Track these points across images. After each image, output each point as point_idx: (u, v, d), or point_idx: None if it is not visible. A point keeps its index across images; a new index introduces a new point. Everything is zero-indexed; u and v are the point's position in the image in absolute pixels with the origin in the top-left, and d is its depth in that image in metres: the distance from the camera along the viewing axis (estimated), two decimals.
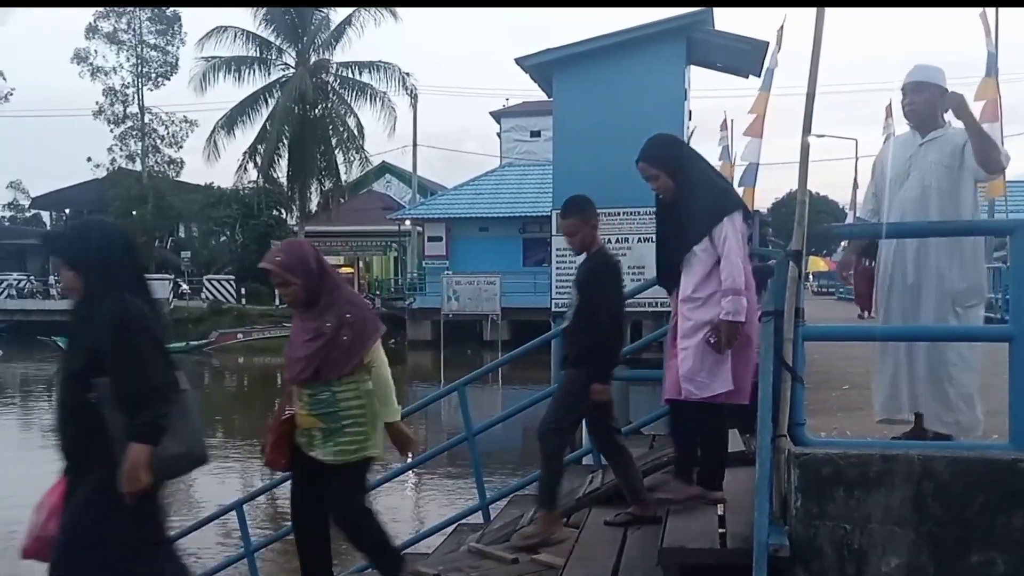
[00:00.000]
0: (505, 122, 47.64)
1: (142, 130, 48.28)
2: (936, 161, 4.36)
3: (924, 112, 4.42)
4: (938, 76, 4.43)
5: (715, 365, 4.40)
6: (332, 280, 4.51)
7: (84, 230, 3.85)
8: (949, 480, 3.00)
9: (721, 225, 4.47)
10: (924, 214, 4.30)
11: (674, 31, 9.36)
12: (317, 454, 4.38)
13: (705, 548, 3.52)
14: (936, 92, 4.38)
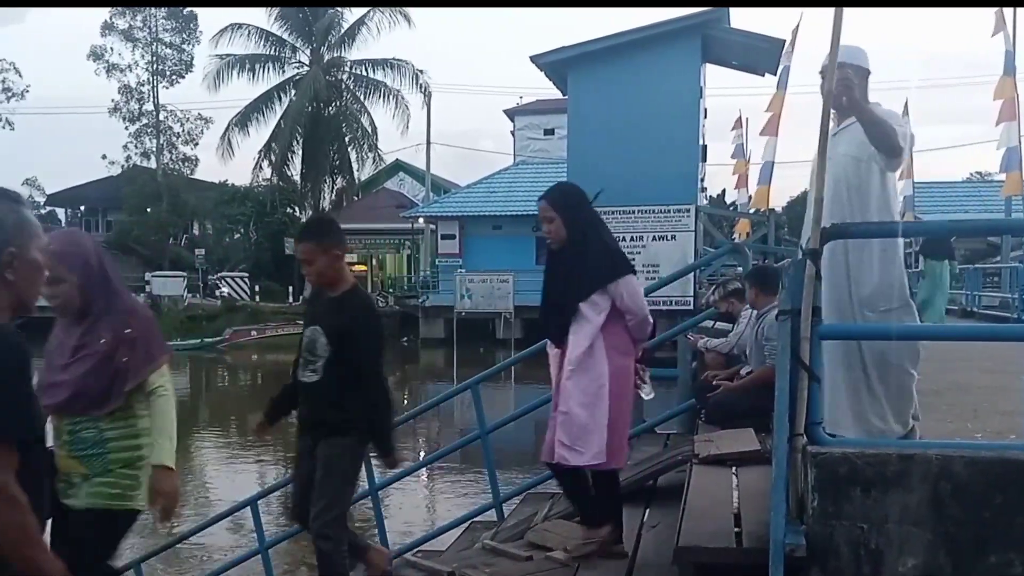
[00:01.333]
0: (519, 120, 47.64)
1: (157, 127, 48.52)
2: (845, 152, 4.12)
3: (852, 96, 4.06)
4: (858, 57, 4.12)
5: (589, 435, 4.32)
6: (112, 284, 3.66)
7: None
8: (967, 480, 2.98)
9: (618, 283, 4.40)
10: (836, 211, 4.05)
11: (690, 29, 9.35)
12: (72, 502, 3.47)
13: (721, 547, 3.51)
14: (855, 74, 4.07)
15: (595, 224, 4.64)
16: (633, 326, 4.51)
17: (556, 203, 4.59)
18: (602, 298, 4.41)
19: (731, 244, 10.32)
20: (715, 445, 5.17)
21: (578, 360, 4.39)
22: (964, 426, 4.17)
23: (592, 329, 4.38)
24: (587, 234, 4.52)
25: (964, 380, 6.02)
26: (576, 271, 4.44)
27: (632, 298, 4.45)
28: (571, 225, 4.51)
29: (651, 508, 5.46)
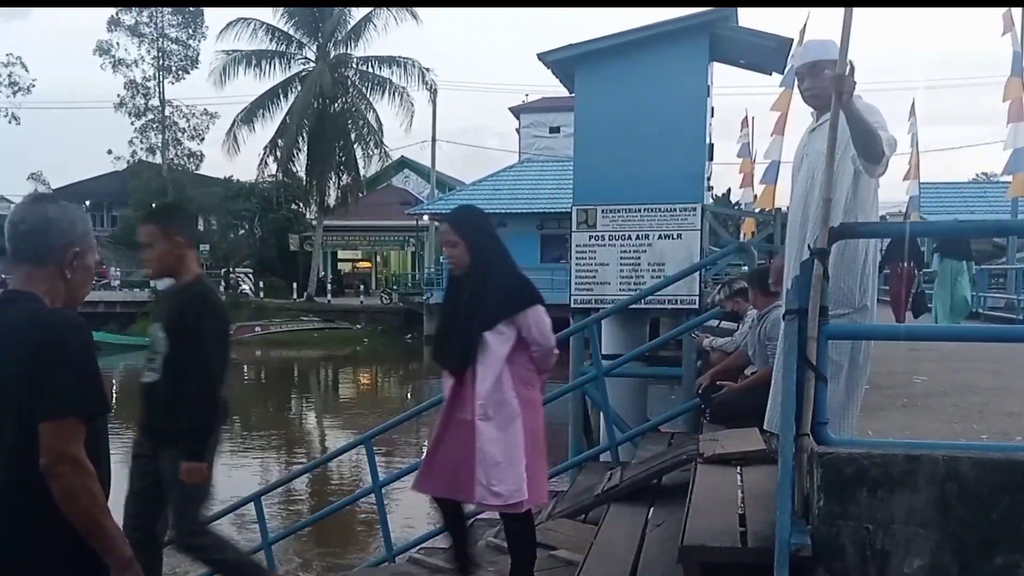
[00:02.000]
0: (524, 118, 47.63)
1: (163, 123, 48.51)
2: (821, 150, 3.90)
3: (824, 95, 3.96)
4: (835, 51, 3.91)
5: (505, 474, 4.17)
6: None
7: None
8: (974, 481, 2.97)
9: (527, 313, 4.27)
10: (808, 209, 4.02)
11: (697, 27, 9.32)
12: None
13: (726, 547, 3.50)
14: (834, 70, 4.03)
15: (501, 250, 4.47)
16: (539, 357, 4.36)
17: (461, 227, 4.41)
18: (509, 328, 4.26)
19: (737, 243, 10.32)
20: (720, 444, 5.16)
21: (488, 395, 4.22)
22: (970, 427, 4.16)
23: (498, 361, 4.22)
24: (492, 260, 4.36)
25: (970, 381, 6.00)
26: (481, 298, 4.26)
27: (540, 328, 4.30)
28: (476, 251, 4.35)
29: (655, 507, 5.46)
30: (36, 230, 2.51)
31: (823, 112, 4.03)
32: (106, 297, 41.73)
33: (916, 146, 23.29)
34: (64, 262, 2.52)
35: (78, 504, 2.36)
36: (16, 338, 2.37)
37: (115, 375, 29.67)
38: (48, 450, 2.32)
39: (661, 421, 8.00)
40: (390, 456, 14.54)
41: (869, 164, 3.83)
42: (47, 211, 2.54)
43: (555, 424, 12.83)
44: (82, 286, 2.63)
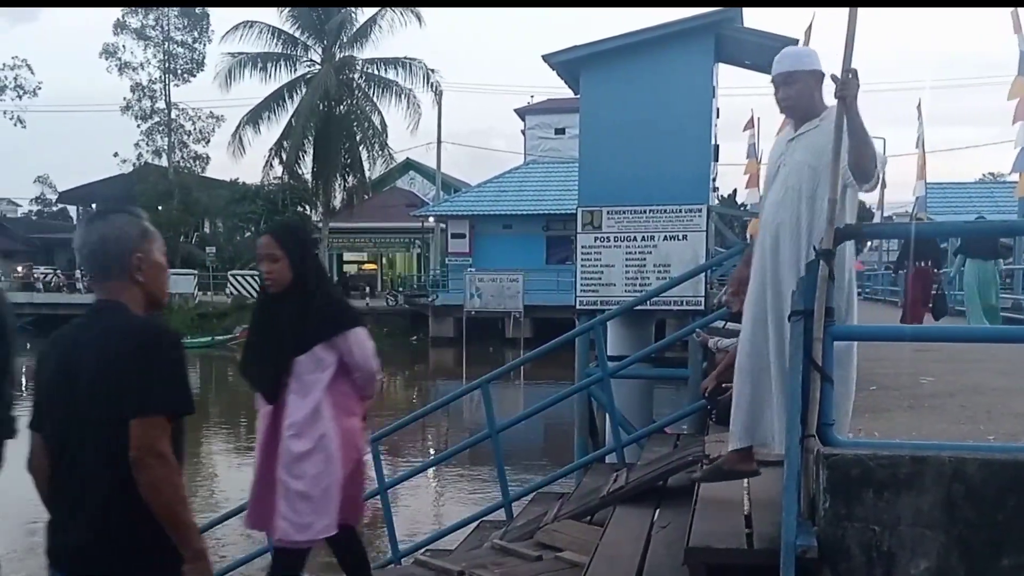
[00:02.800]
0: (530, 119, 47.66)
1: (168, 125, 48.68)
2: (802, 160, 3.93)
3: (800, 105, 3.98)
4: (809, 60, 4.00)
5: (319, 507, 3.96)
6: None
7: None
8: (981, 483, 2.96)
9: (347, 335, 4.04)
10: (786, 219, 3.93)
11: (702, 28, 9.32)
12: None
13: (732, 548, 3.50)
14: (810, 79, 3.96)
15: (321, 271, 4.27)
16: (361, 383, 4.17)
17: (285, 241, 4.10)
18: (328, 353, 4.03)
19: (743, 244, 10.29)
20: (726, 445, 5.15)
21: (302, 425, 3.97)
22: (977, 428, 4.14)
23: (317, 387, 3.99)
24: (312, 280, 4.10)
25: (977, 382, 5.97)
26: (299, 320, 4.01)
27: (361, 352, 4.08)
28: (298, 268, 4.06)
29: (661, 509, 5.45)
30: (95, 251, 2.74)
31: (800, 122, 3.99)
32: None
33: (922, 146, 23.24)
34: (131, 269, 2.74)
35: (161, 496, 2.54)
36: (110, 343, 2.60)
37: None
38: (137, 445, 2.52)
39: (667, 423, 7.99)
40: (396, 458, 14.56)
41: (861, 177, 3.72)
42: (98, 230, 2.76)
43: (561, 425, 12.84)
44: (156, 282, 2.83)
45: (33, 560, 10.06)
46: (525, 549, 5.24)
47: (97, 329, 2.67)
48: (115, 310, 2.70)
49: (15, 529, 11.31)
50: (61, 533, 2.73)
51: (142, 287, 2.76)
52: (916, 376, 6.10)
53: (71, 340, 2.72)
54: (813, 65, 3.97)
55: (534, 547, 5.26)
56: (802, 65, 3.96)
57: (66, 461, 2.69)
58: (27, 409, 2.92)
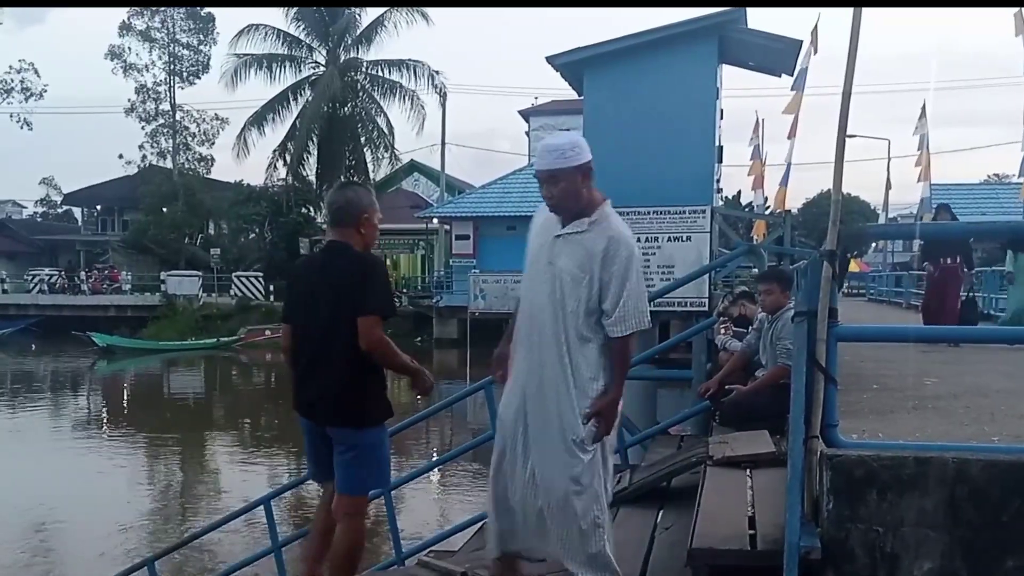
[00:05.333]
0: (534, 121, 47.63)
1: (173, 127, 48.74)
2: (565, 268, 3.70)
3: (566, 204, 3.71)
4: (574, 155, 3.67)
5: None
6: None
7: None
8: (984, 484, 2.96)
9: None
10: (538, 331, 3.75)
11: (706, 30, 9.32)
12: None
13: (735, 549, 3.49)
14: (575, 175, 3.66)
15: None
16: None
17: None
18: None
19: (747, 245, 10.29)
20: (729, 447, 5.15)
21: None
22: (981, 429, 4.12)
23: None
24: None
25: (982, 383, 5.96)
26: None
27: None
28: None
29: (665, 509, 5.44)
30: (342, 207, 4.26)
31: (570, 219, 3.73)
32: (116, 301, 41.87)
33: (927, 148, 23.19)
34: (359, 223, 4.23)
35: (386, 358, 4.14)
36: (345, 268, 4.11)
37: (125, 379, 29.78)
38: (364, 334, 4.00)
39: (671, 424, 7.97)
40: (400, 458, 14.55)
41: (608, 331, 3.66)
42: (346, 194, 4.32)
43: None
44: (371, 236, 4.29)
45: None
46: None
47: (334, 259, 4.18)
48: (344, 248, 4.18)
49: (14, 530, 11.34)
50: (305, 390, 4.25)
51: (362, 236, 4.24)
52: (920, 377, 6.09)
53: (318, 264, 4.30)
54: (578, 159, 3.67)
55: None
56: (566, 162, 3.66)
57: (311, 341, 4.17)
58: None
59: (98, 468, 15.59)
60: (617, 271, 3.61)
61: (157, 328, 37.55)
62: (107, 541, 10.96)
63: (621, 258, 3.61)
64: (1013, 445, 3.58)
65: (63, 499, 12.98)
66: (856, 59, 3.33)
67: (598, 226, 3.68)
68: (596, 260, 3.61)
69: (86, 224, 60.95)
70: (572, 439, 3.65)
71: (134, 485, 14.49)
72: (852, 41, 3.29)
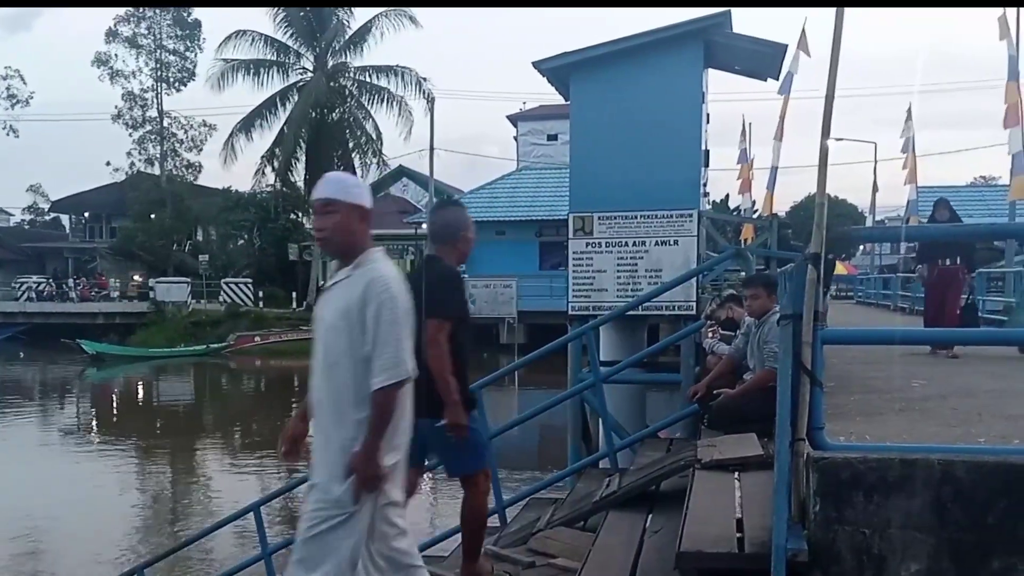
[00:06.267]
0: (522, 126, 47.72)
1: (161, 134, 48.60)
2: (331, 321, 3.53)
3: (336, 240, 3.57)
4: (356, 193, 3.59)
5: None
6: None
7: None
8: (970, 485, 2.96)
9: None
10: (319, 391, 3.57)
11: (691, 34, 9.34)
12: None
13: (723, 552, 3.50)
14: (352, 213, 3.55)
15: None
16: None
17: None
18: None
19: (734, 249, 10.30)
20: (718, 450, 5.16)
21: None
22: (968, 431, 4.14)
23: None
24: None
25: (970, 384, 5.99)
26: None
27: None
28: None
29: (654, 513, 5.45)
30: (442, 227, 4.74)
31: (341, 263, 3.63)
32: (105, 308, 41.73)
33: (913, 150, 23.27)
34: (456, 240, 4.69)
35: (435, 363, 4.31)
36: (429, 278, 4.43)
37: (115, 386, 29.67)
38: (430, 336, 4.28)
39: (660, 427, 7.98)
40: None
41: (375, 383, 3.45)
42: (445, 215, 4.84)
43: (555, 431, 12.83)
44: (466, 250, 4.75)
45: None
46: (518, 555, 5.23)
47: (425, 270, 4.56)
48: (436, 260, 4.63)
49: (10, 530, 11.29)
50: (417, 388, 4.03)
51: (458, 251, 4.72)
52: (908, 379, 6.11)
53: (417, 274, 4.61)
54: (359, 199, 3.58)
55: (527, 553, 5.25)
56: (346, 195, 3.56)
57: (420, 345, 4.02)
58: None
59: (87, 475, 15.53)
60: (372, 315, 3.42)
61: (146, 335, 37.45)
62: (97, 548, 10.92)
63: (378, 302, 3.42)
64: (998, 446, 3.59)
65: (52, 506, 12.91)
66: (839, 60, 3.32)
67: (360, 270, 3.52)
68: (355, 305, 3.43)
69: (74, 231, 60.71)
70: (325, 497, 3.46)
71: (124, 492, 14.44)
72: (835, 41, 3.29)
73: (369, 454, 3.42)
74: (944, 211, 9.15)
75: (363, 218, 3.58)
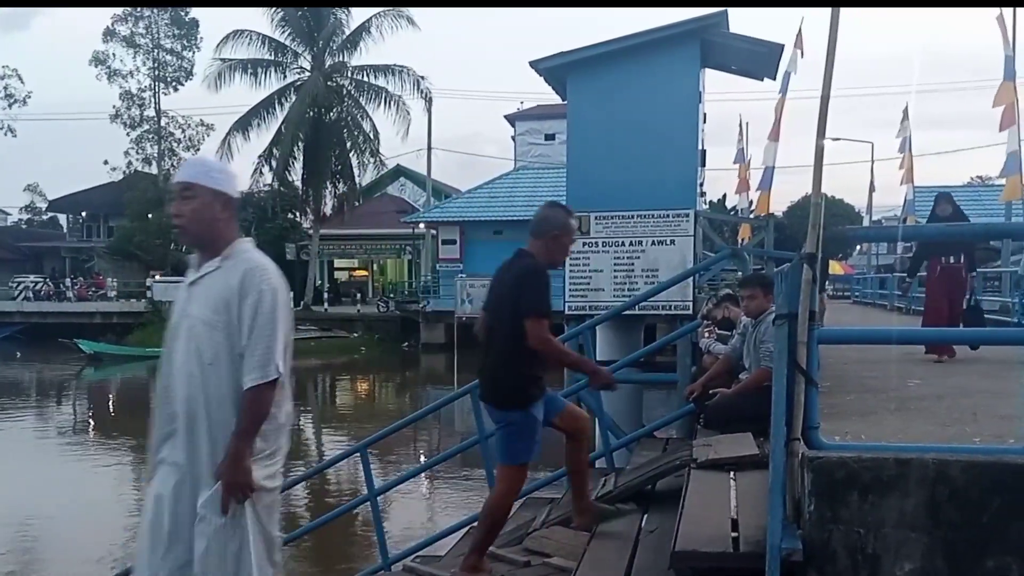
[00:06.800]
0: (519, 125, 47.72)
1: (158, 133, 48.60)
2: (198, 316, 3.24)
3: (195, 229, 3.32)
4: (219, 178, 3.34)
5: None
6: None
7: None
8: (964, 484, 2.97)
9: None
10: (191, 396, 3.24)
11: (688, 34, 9.36)
12: None
13: (718, 552, 3.50)
14: (214, 201, 3.29)
15: None
16: None
17: None
18: None
19: (730, 249, 10.30)
20: (713, 449, 5.16)
21: None
22: (963, 430, 4.15)
23: None
24: None
25: (964, 384, 6.00)
26: None
27: None
28: None
29: (649, 512, 5.46)
30: (538, 221, 4.76)
31: (202, 257, 3.36)
32: (103, 308, 41.69)
33: (909, 150, 23.30)
34: (547, 238, 4.70)
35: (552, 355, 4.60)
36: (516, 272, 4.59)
37: (112, 386, 29.64)
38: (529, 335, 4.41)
39: (656, 427, 7.98)
40: (386, 464, 14.52)
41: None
42: (545, 211, 4.81)
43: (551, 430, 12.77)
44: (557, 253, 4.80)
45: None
46: (513, 555, 5.23)
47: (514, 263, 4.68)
48: (525, 255, 4.68)
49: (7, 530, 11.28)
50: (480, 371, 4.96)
51: (548, 251, 4.71)
52: (903, 379, 6.12)
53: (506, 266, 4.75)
54: (221, 185, 3.33)
55: (522, 553, 5.25)
56: (208, 180, 3.30)
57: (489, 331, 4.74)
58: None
59: (84, 475, 15.51)
60: (250, 306, 3.17)
61: (144, 335, 37.41)
62: (92, 548, 10.90)
63: (257, 291, 3.18)
64: (992, 445, 3.60)
65: (48, 506, 12.90)
66: (835, 59, 3.32)
67: (231, 260, 3.27)
68: (233, 298, 3.17)
69: (71, 231, 60.69)
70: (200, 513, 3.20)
71: (120, 492, 14.41)
72: (831, 41, 3.30)
73: (237, 459, 3.14)
74: (947, 205, 8.60)
75: (226, 206, 3.31)
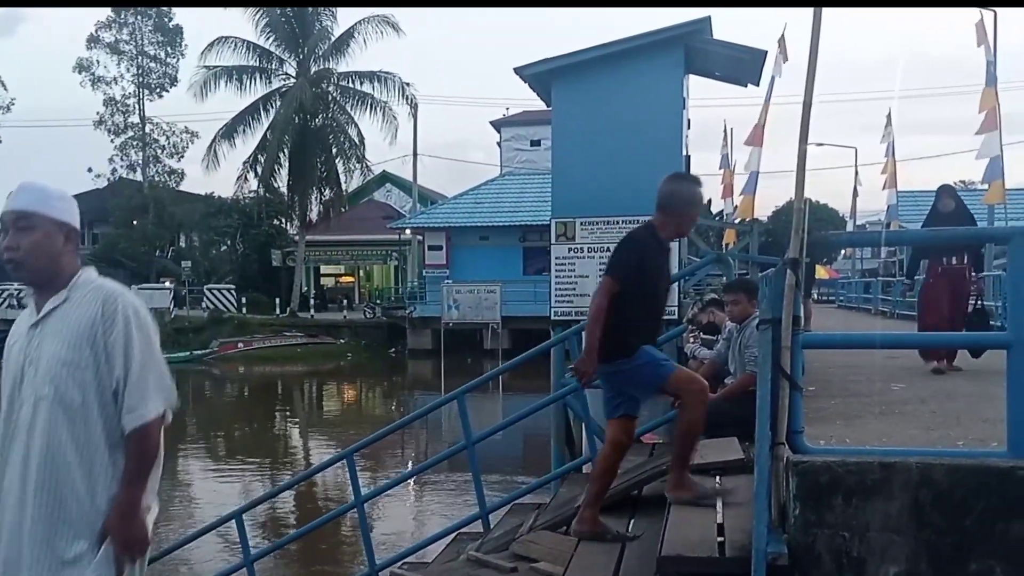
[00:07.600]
0: (505, 131, 47.83)
1: (143, 140, 48.33)
2: (53, 355, 2.83)
3: (35, 264, 2.89)
4: (60, 207, 2.95)
5: None
6: None
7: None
8: (947, 488, 2.99)
9: None
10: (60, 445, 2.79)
11: (672, 40, 9.38)
12: None
13: (704, 556, 3.51)
14: (56, 232, 2.90)
15: None
16: None
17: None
18: None
19: (715, 254, 10.34)
20: (699, 454, 5.17)
21: None
22: (947, 434, 4.18)
23: None
24: None
25: (948, 387, 6.04)
26: None
27: None
28: None
29: (635, 518, 5.45)
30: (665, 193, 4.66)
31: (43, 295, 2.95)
32: None
33: (892, 155, 23.45)
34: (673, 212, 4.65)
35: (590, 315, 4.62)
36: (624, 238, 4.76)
37: None
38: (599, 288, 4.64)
39: (642, 432, 7.98)
40: (373, 470, 14.51)
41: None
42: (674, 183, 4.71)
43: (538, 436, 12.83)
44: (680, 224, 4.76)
45: None
46: (500, 561, 5.23)
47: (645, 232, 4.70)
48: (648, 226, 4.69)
49: None
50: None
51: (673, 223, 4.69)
52: (888, 383, 6.15)
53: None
54: (63, 215, 2.95)
55: (509, 559, 5.25)
56: (48, 209, 2.91)
57: None
58: None
59: None
60: (119, 339, 2.84)
61: None
62: None
63: (124, 320, 2.85)
64: (975, 449, 3.62)
65: None
66: (817, 63, 3.34)
67: (80, 291, 2.91)
68: (97, 330, 2.83)
69: None
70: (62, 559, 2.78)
71: None
72: (813, 43, 3.31)
73: (131, 512, 2.83)
74: (949, 200, 7.94)
75: (70, 239, 2.94)
